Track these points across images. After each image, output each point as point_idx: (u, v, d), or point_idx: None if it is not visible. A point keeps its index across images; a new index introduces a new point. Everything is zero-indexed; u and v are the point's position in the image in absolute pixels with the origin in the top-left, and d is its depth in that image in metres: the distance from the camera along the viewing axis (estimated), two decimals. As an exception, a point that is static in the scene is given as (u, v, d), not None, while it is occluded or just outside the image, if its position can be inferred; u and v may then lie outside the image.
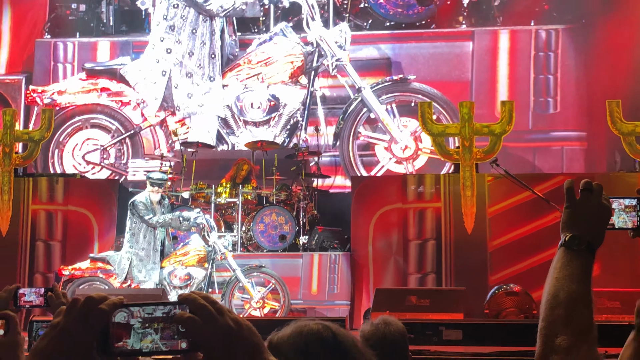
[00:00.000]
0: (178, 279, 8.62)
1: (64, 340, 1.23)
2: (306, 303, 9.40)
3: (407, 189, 9.83)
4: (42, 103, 12.78)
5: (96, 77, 12.99)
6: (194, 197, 10.01)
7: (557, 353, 1.60)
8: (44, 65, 13.66)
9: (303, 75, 12.71)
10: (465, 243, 9.51)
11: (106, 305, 1.24)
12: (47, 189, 10.31)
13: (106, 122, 12.98)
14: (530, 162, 12.78)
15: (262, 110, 12.58)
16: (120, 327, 1.24)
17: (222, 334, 1.22)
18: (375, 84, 12.61)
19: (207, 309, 1.23)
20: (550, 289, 1.68)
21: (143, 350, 1.24)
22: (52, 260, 10.05)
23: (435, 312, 6.38)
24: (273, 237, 9.68)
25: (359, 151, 12.72)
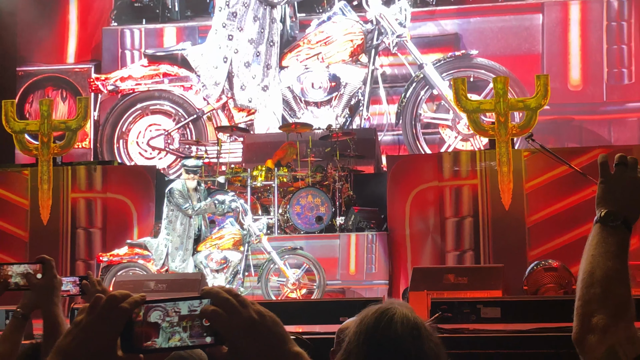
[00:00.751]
0: (214, 263, 8.69)
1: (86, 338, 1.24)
2: (344, 283, 9.43)
3: (443, 166, 9.79)
4: (106, 90, 12.95)
5: (158, 63, 13.09)
6: (230, 181, 10.06)
7: (594, 332, 1.59)
8: (112, 53, 13.77)
9: (363, 53, 12.66)
10: (503, 219, 9.46)
11: (128, 303, 1.24)
12: (86, 177, 10.44)
13: (168, 107, 13.04)
14: (606, 135, 12.56)
15: (323, 90, 12.59)
16: (148, 326, 1.25)
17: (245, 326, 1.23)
18: (437, 61, 12.50)
19: (230, 301, 1.24)
20: (586, 267, 1.66)
21: (171, 347, 1.24)
22: (93, 247, 10.19)
23: (473, 289, 6.35)
24: (309, 218, 9.70)
25: (423, 129, 12.63)
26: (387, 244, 9.54)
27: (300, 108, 12.64)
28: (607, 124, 12.54)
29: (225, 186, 10.02)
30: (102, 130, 13.17)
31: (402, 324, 1.74)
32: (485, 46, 12.79)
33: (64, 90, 13.47)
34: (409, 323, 1.75)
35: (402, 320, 1.75)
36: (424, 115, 12.53)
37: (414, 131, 12.51)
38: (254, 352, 1.23)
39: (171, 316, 1.25)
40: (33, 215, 10.23)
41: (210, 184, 10.01)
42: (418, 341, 1.74)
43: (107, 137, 13.08)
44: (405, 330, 1.74)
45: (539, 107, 9.55)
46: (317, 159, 10.59)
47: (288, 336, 1.27)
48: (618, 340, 1.57)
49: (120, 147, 13.08)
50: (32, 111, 13.33)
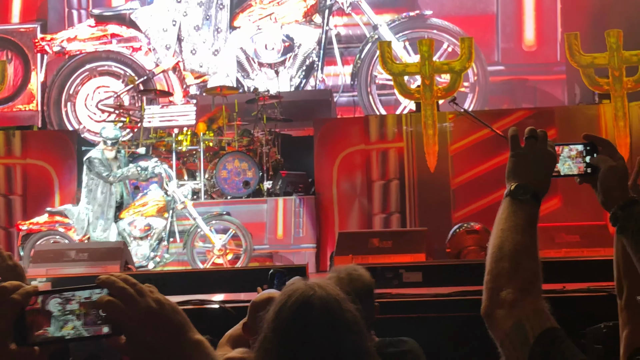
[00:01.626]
0: (138, 230, 8.57)
1: None
2: (272, 248, 9.42)
3: (370, 130, 9.82)
4: (52, 51, 12.52)
5: (105, 23, 12.70)
6: (154, 146, 9.89)
7: (502, 307, 1.59)
8: (58, 12, 13.28)
9: (317, 14, 12.52)
10: (429, 182, 9.57)
11: (19, 294, 1.19)
12: (4, 143, 10.14)
13: (116, 68, 12.68)
14: (559, 95, 12.46)
15: (276, 51, 12.43)
16: (39, 315, 1.20)
17: (143, 315, 1.19)
18: (392, 21, 12.42)
19: (127, 291, 1.20)
20: (495, 241, 1.66)
21: (65, 337, 1.20)
22: (13, 214, 9.94)
23: (397, 253, 6.42)
24: (237, 183, 9.63)
25: (378, 90, 12.57)
26: (315, 208, 9.56)
27: (254, 69, 12.49)
28: (561, 84, 12.59)
29: (149, 151, 9.85)
30: (49, 92, 12.77)
31: (320, 321, 1.69)
32: (440, 6, 12.71)
33: (9, 51, 12.99)
34: (329, 316, 1.70)
35: (321, 314, 1.70)
36: (379, 76, 12.48)
37: (369, 92, 12.47)
38: (153, 342, 1.20)
39: (70, 304, 1.20)
40: (-50, 182, 9.91)
41: (134, 149, 9.82)
42: (338, 338, 1.69)
43: (54, 100, 12.69)
44: (323, 327, 1.69)
45: (464, 69, 9.64)
46: (244, 122, 10.48)
47: (189, 324, 1.24)
48: (525, 314, 1.57)
49: (68, 111, 12.72)
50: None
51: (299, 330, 1.70)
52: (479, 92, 12.37)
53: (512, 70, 12.60)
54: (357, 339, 1.72)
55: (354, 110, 12.57)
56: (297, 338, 1.69)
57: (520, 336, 1.54)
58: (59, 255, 7.05)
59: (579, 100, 11.43)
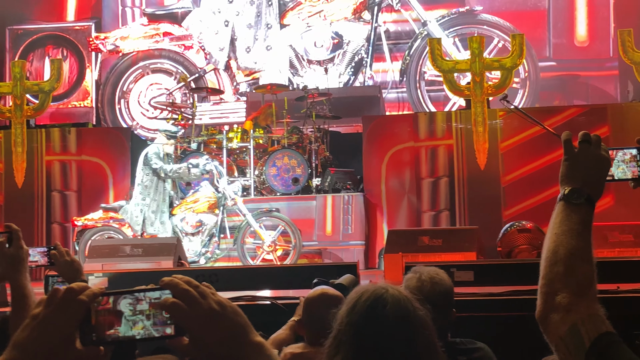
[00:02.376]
0: (190, 226, 8.68)
1: (43, 331, 1.22)
2: (321, 244, 9.46)
3: (419, 127, 9.81)
4: (106, 50, 12.77)
5: (158, 21, 12.91)
6: (205, 143, 10.01)
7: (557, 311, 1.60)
8: (112, 10, 13.52)
9: (366, 10, 12.54)
10: (478, 179, 9.52)
11: (86, 295, 1.23)
12: (60, 140, 10.35)
13: (169, 65, 12.87)
14: (612, 91, 12.34)
15: (325, 48, 12.50)
16: (111, 315, 1.24)
17: (206, 317, 1.22)
18: (441, 17, 12.38)
19: (190, 293, 1.23)
20: (549, 245, 1.67)
21: (135, 337, 1.23)
22: (69, 210, 10.14)
23: (448, 251, 6.40)
24: (286, 180, 9.69)
25: (427, 86, 12.54)
26: (363, 205, 9.58)
27: (303, 67, 12.55)
28: (614, 80, 12.40)
29: (200, 148, 9.97)
30: (103, 90, 13.01)
31: (394, 316, 1.73)
32: (491, 2, 12.59)
33: (64, 49, 13.26)
34: (402, 313, 1.73)
35: (394, 311, 1.73)
36: (428, 73, 12.42)
37: (418, 89, 12.42)
38: (216, 343, 1.23)
39: (140, 304, 1.24)
40: (7, 179, 10.15)
41: (186, 146, 9.95)
42: (410, 334, 1.72)
43: (107, 97, 12.95)
44: (397, 321, 1.72)
45: (514, 66, 9.55)
46: (293, 120, 10.54)
47: (250, 326, 1.27)
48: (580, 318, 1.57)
49: (122, 107, 12.95)
50: (33, 70, 13.14)
51: (374, 324, 1.72)
52: (530, 88, 12.26)
53: (563, 66, 12.45)
54: (428, 335, 1.75)
55: (403, 106, 12.54)
56: (372, 331, 1.72)
57: (576, 340, 1.54)
58: (114, 251, 7.18)
59: (632, 97, 11.24)
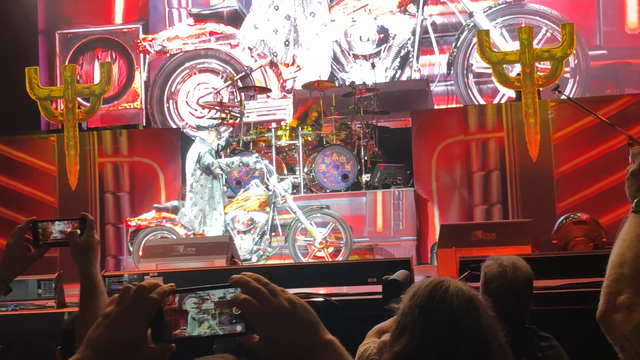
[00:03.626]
0: (241, 224, 8.72)
1: (116, 330, 1.23)
2: (372, 240, 9.44)
3: (469, 120, 9.72)
4: (154, 51, 12.94)
5: (204, 21, 13.03)
6: (254, 141, 10.05)
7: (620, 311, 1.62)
8: (159, 11, 13.63)
9: (411, 3, 12.49)
10: (531, 171, 9.40)
11: (157, 293, 1.23)
12: (112, 142, 10.49)
13: (215, 65, 12.98)
14: None
15: (371, 42, 12.48)
16: (176, 315, 1.24)
17: (276, 315, 1.22)
18: (488, 8, 12.26)
19: (260, 290, 1.22)
20: (617, 250, 1.71)
21: (201, 336, 1.23)
22: (122, 210, 10.29)
23: (502, 245, 6.32)
24: (335, 176, 9.68)
25: (475, 78, 12.46)
26: (414, 200, 9.52)
27: (349, 62, 12.54)
28: None
29: (250, 147, 10.02)
30: (152, 91, 13.17)
31: (457, 297, 1.73)
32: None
33: (113, 51, 13.45)
34: (464, 295, 1.74)
35: (457, 292, 1.74)
36: (475, 65, 12.30)
37: (466, 81, 12.31)
38: (286, 341, 1.22)
39: (205, 304, 1.24)
40: (61, 181, 10.33)
41: (236, 144, 10.00)
42: (474, 313, 1.71)
43: (156, 98, 13.10)
44: (461, 302, 1.72)
45: (565, 56, 9.41)
46: (342, 116, 10.52)
47: (320, 324, 1.26)
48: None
49: (170, 107, 13.10)
50: (83, 73, 13.36)
51: (437, 302, 1.73)
52: (580, 77, 12.05)
53: (614, 54, 12.20)
54: (492, 317, 1.74)
55: (451, 99, 12.43)
56: (435, 308, 1.73)
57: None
58: (168, 250, 7.24)
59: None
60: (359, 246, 9.26)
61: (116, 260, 10.19)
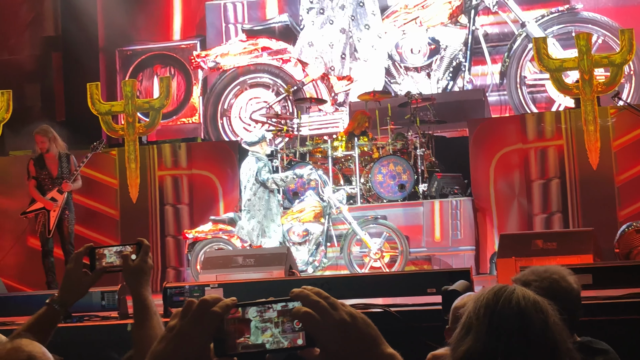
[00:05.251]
0: (296, 235, 8.75)
1: (180, 343, 1.26)
2: (430, 251, 9.39)
3: (527, 128, 9.61)
4: (207, 67, 13.14)
5: (256, 37, 13.19)
6: (310, 152, 10.10)
7: None
8: (216, 27, 13.79)
9: (463, 14, 12.47)
10: (591, 179, 9.25)
11: (219, 307, 1.26)
12: (171, 155, 10.65)
13: (266, 79, 13.09)
14: None
15: (422, 54, 12.50)
16: (240, 323, 1.25)
17: (337, 328, 1.22)
18: (541, 17, 12.17)
19: (321, 304, 1.23)
20: None
21: (266, 346, 1.25)
22: (181, 222, 10.42)
23: (563, 255, 6.22)
24: (392, 186, 9.66)
25: (529, 88, 12.34)
26: (472, 210, 9.44)
27: (400, 74, 12.55)
28: None
29: (306, 158, 10.07)
30: (205, 108, 13.36)
31: (524, 298, 1.71)
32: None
33: (171, 67, 13.68)
34: (530, 298, 1.72)
35: (523, 294, 1.72)
36: (529, 77, 12.18)
37: (519, 91, 12.20)
38: (347, 355, 1.22)
39: (268, 312, 1.25)
40: (122, 194, 10.52)
41: (292, 156, 10.06)
42: (542, 314, 1.69)
43: (210, 114, 13.27)
44: (527, 303, 1.70)
45: (625, 62, 9.25)
46: (397, 126, 10.51)
47: (381, 337, 1.26)
48: None
49: (224, 124, 13.25)
50: (143, 89, 13.62)
51: (504, 302, 1.71)
52: (636, 82, 11.85)
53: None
54: (558, 321, 1.71)
55: (505, 109, 12.31)
56: (503, 308, 1.70)
57: None
58: (227, 261, 7.31)
59: None
60: (416, 256, 9.22)
61: (176, 271, 10.33)
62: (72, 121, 11.38)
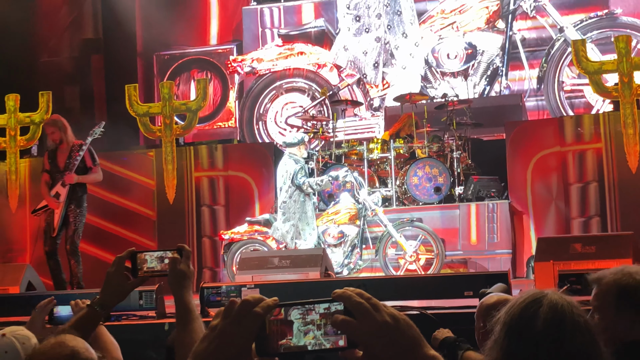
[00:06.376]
0: (332, 237, 8.76)
1: (222, 343, 1.27)
2: (466, 254, 9.33)
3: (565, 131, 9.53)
4: (243, 72, 13.23)
5: (291, 42, 13.25)
6: (346, 154, 10.11)
7: None
8: (253, 32, 13.82)
9: (500, 19, 12.43)
10: (630, 183, 9.14)
11: (261, 307, 1.26)
12: (208, 156, 10.73)
13: (302, 83, 13.11)
14: None
15: (459, 59, 12.46)
16: (282, 325, 1.26)
17: (379, 330, 1.22)
18: (580, 22, 12.07)
19: (363, 305, 1.23)
20: None
21: (308, 347, 1.25)
22: (218, 223, 10.49)
23: (602, 259, 6.14)
24: (428, 189, 9.63)
25: (567, 93, 12.25)
26: (509, 213, 9.37)
27: (437, 79, 12.51)
28: None
29: (341, 160, 10.08)
30: (241, 113, 13.42)
31: (544, 320, 1.69)
32: (636, 3, 12.00)
33: (208, 72, 13.76)
34: (555, 318, 1.69)
35: (547, 315, 1.70)
36: (567, 82, 12.07)
37: (557, 96, 12.09)
38: (389, 356, 1.22)
39: (310, 315, 1.26)
40: (159, 195, 10.61)
41: (327, 158, 10.08)
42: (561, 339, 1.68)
43: (246, 119, 13.32)
44: (548, 326, 1.68)
45: (665, 64, 9.11)
46: (434, 128, 10.47)
47: (423, 339, 1.26)
48: None
49: (260, 129, 13.29)
50: (180, 93, 13.73)
51: (525, 325, 1.70)
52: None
53: None
54: (585, 341, 1.69)
55: (542, 114, 12.19)
56: (522, 332, 1.70)
57: None
58: (264, 262, 7.34)
59: None
60: (452, 259, 9.18)
61: (212, 272, 10.40)
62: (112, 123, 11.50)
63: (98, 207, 10.35)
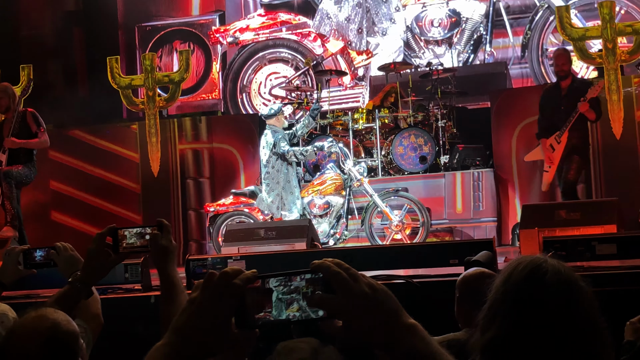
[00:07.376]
0: (317, 208, 8.76)
1: (201, 316, 1.25)
2: (452, 222, 9.36)
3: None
4: (226, 42, 13.08)
5: (275, 12, 13.10)
6: (331, 125, 10.07)
7: None
8: (235, 2, 13.64)
9: None
10: (615, 149, 9.17)
11: (240, 279, 1.25)
12: (192, 129, 10.67)
13: (286, 54, 12.97)
14: None
15: (442, 27, 12.34)
16: (260, 296, 1.24)
17: (358, 300, 1.22)
18: None
19: (341, 275, 1.22)
20: None
21: (291, 320, 1.23)
22: (203, 196, 10.47)
23: (586, 225, 6.16)
24: (413, 159, 9.63)
25: (550, 60, 12.19)
26: (494, 181, 9.39)
27: (420, 48, 12.43)
28: None
29: (326, 130, 10.04)
30: (224, 84, 13.30)
31: (553, 285, 1.63)
32: None
33: (191, 43, 13.60)
34: (562, 283, 1.64)
35: (556, 280, 1.63)
36: (551, 49, 12.02)
37: (541, 63, 12.04)
38: (368, 326, 1.22)
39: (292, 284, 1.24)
40: (144, 168, 10.55)
41: (312, 129, 10.03)
42: (573, 303, 1.63)
43: (230, 91, 13.20)
44: (557, 291, 1.63)
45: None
46: (418, 98, 10.44)
47: (401, 308, 1.25)
48: None
49: (244, 100, 13.19)
50: (162, 65, 13.58)
51: (532, 292, 1.63)
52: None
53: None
54: (589, 304, 1.65)
55: (526, 81, 12.16)
56: (530, 299, 1.63)
57: None
58: (249, 234, 7.33)
59: None
60: (437, 228, 9.20)
61: (198, 244, 10.39)
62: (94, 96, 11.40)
63: (82, 181, 10.29)
